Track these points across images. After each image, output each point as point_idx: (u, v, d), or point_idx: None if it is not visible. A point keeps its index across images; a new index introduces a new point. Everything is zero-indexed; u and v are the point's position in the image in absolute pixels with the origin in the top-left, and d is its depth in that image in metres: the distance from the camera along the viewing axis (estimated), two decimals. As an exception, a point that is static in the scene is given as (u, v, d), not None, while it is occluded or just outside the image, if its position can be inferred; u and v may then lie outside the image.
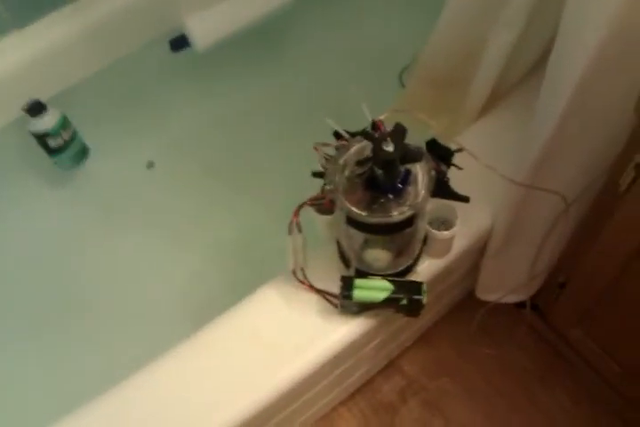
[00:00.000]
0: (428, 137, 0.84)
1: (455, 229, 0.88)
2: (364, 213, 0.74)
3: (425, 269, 0.93)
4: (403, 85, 1.19)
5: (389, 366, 1.31)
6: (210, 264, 1.27)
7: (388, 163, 0.69)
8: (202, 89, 1.39)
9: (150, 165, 1.37)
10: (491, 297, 1.10)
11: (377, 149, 0.68)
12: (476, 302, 1.14)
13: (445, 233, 0.87)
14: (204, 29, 1.17)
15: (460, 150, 0.80)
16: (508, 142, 0.86)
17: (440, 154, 0.83)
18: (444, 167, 0.83)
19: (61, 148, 1.23)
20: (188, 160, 1.37)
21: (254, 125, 1.40)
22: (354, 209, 0.74)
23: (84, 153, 1.31)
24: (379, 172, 0.71)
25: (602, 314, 0.99)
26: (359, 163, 0.70)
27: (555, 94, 0.69)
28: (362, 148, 0.76)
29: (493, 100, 0.97)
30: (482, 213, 0.94)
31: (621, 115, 0.64)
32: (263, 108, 1.41)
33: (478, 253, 1.02)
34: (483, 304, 1.11)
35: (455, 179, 0.85)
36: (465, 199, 0.85)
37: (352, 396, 1.29)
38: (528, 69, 0.91)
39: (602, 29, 0.60)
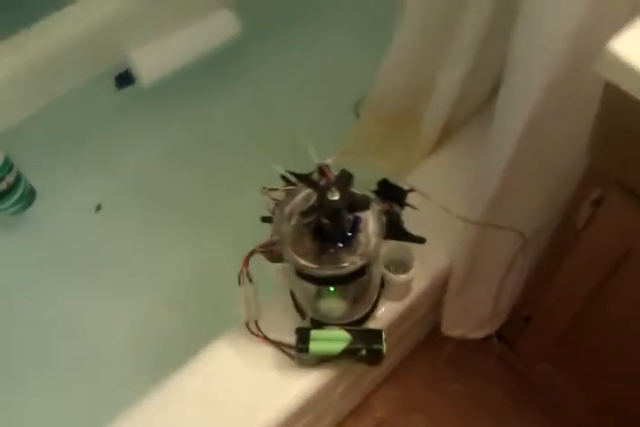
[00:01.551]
0: (381, 175, 0.81)
1: (413, 271, 0.84)
2: (313, 266, 0.70)
3: (384, 314, 0.90)
4: (357, 116, 1.16)
5: (360, 406, 1.27)
6: (166, 308, 1.21)
7: (334, 212, 0.65)
8: (149, 125, 1.34)
9: (99, 207, 1.31)
10: (456, 333, 1.07)
11: (321, 198, 0.64)
12: (444, 336, 1.11)
13: (403, 276, 0.83)
14: (148, 64, 1.12)
15: (411, 191, 0.77)
16: (461, 180, 0.84)
17: (393, 194, 0.79)
18: (397, 208, 0.80)
19: (5, 192, 1.15)
20: (137, 201, 1.31)
21: (205, 160, 1.35)
22: (302, 261, 0.70)
23: (30, 196, 1.22)
24: (325, 221, 0.67)
25: (568, 349, 0.96)
26: (304, 214, 0.66)
27: (504, 134, 0.67)
28: (308, 195, 0.71)
29: (446, 135, 0.95)
30: (439, 253, 0.91)
31: (574, 153, 0.61)
32: (213, 141, 1.37)
33: (440, 291, 0.99)
34: (450, 338, 1.08)
35: (410, 219, 0.82)
36: (421, 240, 0.81)
37: (321, 441, 1.23)
38: (479, 104, 0.89)
39: (549, 70, 0.57)
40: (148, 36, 1.12)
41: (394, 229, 0.79)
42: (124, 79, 1.17)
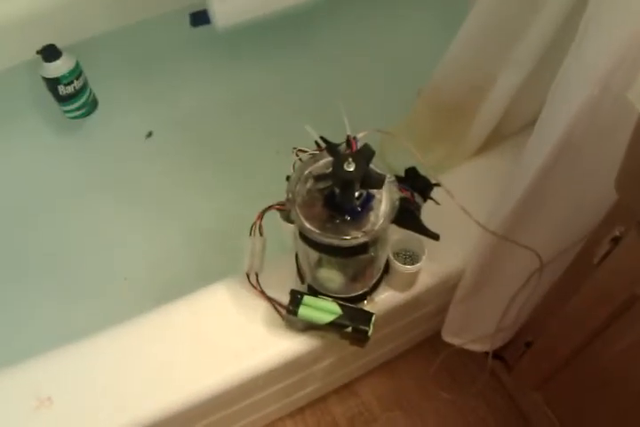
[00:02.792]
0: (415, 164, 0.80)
1: (419, 264, 0.83)
2: (316, 231, 0.71)
3: (383, 301, 0.90)
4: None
5: (346, 388, 1.28)
6: (184, 245, 1.25)
7: (346, 182, 0.65)
8: (215, 68, 1.37)
9: (149, 134, 1.36)
10: (455, 341, 1.05)
11: (336, 166, 0.64)
12: (445, 342, 1.09)
13: (408, 267, 0.83)
14: (226, 9, 1.14)
15: (437, 185, 0.76)
16: (493, 188, 0.81)
17: (418, 185, 0.78)
18: (419, 199, 0.79)
19: (72, 95, 1.22)
20: (185, 138, 1.35)
21: (260, 112, 1.38)
22: (306, 224, 0.71)
23: (92, 105, 1.29)
24: (337, 191, 0.68)
25: (560, 384, 0.93)
26: (317, 178, 0.67)
27: (537, 150, 0.65)
28: (330, 162, 0.72)
29: (495, 140, 0.92)
30: (453, 255, 0.90)
31: (605, 184, 0.59)
32: (273, 97, 1.39)
33: (447, 294, 0.97)
34: (450, 345, 1.07)
35: (430, 213, 0.81)
36: (435, 237, 0.80)
37: (302, 410, 1.26)
38: (535, 114, 0.86)
39: (594, 88, 0.55)
40: None
41: (410, 220, 0.78)
42: (200, 18, 1.19)
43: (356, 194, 0.68)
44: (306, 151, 0.76)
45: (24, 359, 0.85)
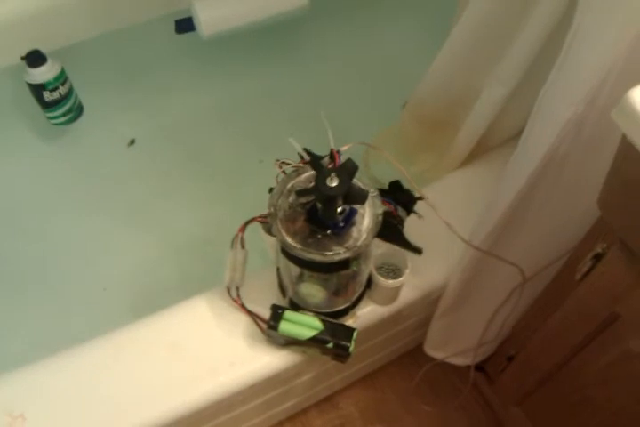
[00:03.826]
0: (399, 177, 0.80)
1: (402, 279, 0.83)
2: (297, 246, 0.70)
3: (365, 315, 0.89)
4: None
5: (327, 400, 1.27)
6: (168, 254, 1.24)
7: (328, 198, 0.64)
8: (199, 75, 1.37)
9: (132, 142, 1.35)
10: (437, 354, 1.05)
11: (319, 181, 0.63)
12: (427, 355, 1.09)
13: (390, 282, 0.82)
14: (212, 17, 1.14)
15: (420, 199, 0.75)
16: (477, 201, 0.81)
17: (401, 198, 0.78)
18: (402, 213, 0.78)
19: (57, 101, 1.20)
20: (168, 146, 1.34)
21: (244, 121, 1.37)
22: (288, 239, 0.70)
23: (78, 111, 1.27)
24: (319, 205, 0.67)
25: (541, 398, 0.93)
26: (299, 193, 0.66)
27: (521, 164, 0.65)
28: (313, 176, 0.71)
29: (479, 153, 0.92)
30: (436, 269, 0.89)
31: (589, 201, 0.59)
32: (258, 105, 1.39)
33: (430, 308, 0.97)
34: (433, 358, 1.07)
35: (413, 227, 0.80)
36: (417, 251, 0.80)
37: (281, 423, 1.25)
38: (520, 127, 0.86)
39: (578, 105, 0.55)
40: None
41: (393, 234, 0.78)
42: (184, 26, 1.19)
43: (339, 209, 0.67)
44: (289, 164, 0.75)
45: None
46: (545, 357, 0.86)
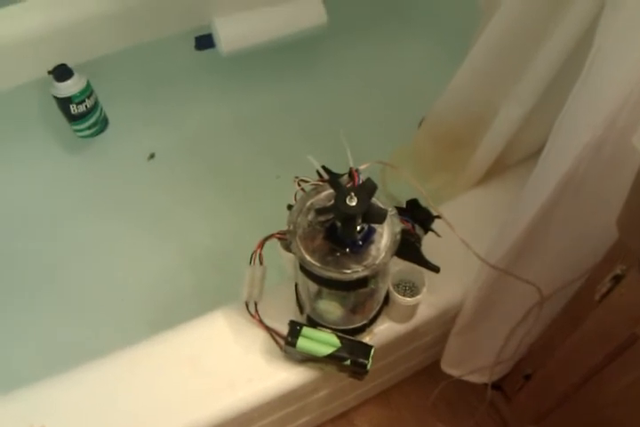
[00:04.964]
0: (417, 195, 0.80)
1: (419, 297, 0.83)
2: (316, 264, 0.70)
3: (383, 332, 0.89)
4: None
5: (342, 417, 1.26)
6: (185, 265, 1.25)
7: (347, 217, 0.65)
8: (219, 91, 1.39)
9: (152, 156, 1.37)
10: (454, 372, 1.04)
11: (339, 201, 0.64)
12: (443, 371, 1.08)
13: (408, 299, 0.82)
14: (231, 34, 1.16)
15: (438, 217, 0.76)
16: (495, 220, 0.81)
17: (419, 216, 0.78)
18: (420, 231, 0.79)
19: (84, 114, 1.23)
20: (187, 160, 1.37)
21: (262, 136, 1.39)
22: (307, 257, 0.70)
23: (103, 124, 1.30)
24: (338, 224, 0.67)
25: (559, 418, 0.92)
26: (319, 211, 0.66)
27: (540, 184, 0.65)
28: (332, 194, 0.72)
29: (497, 171, 0.92)
30: (453, 287, 0.89)
31: (608, 222, 0.59)
32: (276, 120, 1.41)
33: (447, 325, 0.97)
34: (449, 375, 1.06)
35: (431, 245, 0.81)
36: (435, 269, 0.80)
37: (296, 439, 1.24)
38: (539, 146, 0.86)
39: (598, 128, 0.55)
40: (237, 6, 1.16)
41: (411, 252, 0.78)
42: (204, 42, 1.21)
43: (358, 228, 0.68)
44: (307, 181, 0.76)
45: (16, 385, 0.84)
46: (563, 376, 0.85)
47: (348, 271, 0.70)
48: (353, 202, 0.64)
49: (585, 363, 0.77)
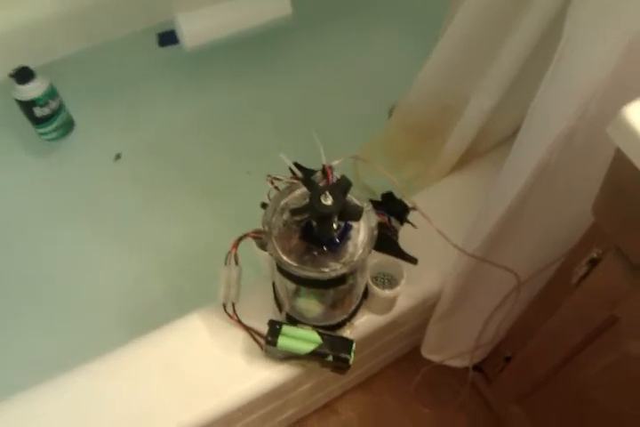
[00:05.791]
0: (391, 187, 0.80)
1: (398, 289, 0.83)
2: (294, 264, 0.69)
3: (363, 325, 0.89)
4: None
5: (326, 407, 1.27)
6: (157, 269, 1.23)
7: (323, 216, 0.64)
8: (183, 88, 1.36)
9: (118, 157, 1.33)
10: (434, 358, 1.05)
11: (314, 200, 0.63)
12: (424, 357, 1.09)
13: (387, 292, 0.82)
14: (194, 29, 1.13)
15: (413, 209, 0.75)
16: (469, 208, 0.81)
17: (394, 209, 0.78)
18: (396, 224, 0.78)
19: (48, 117, 1.20)
20: (153, 160, 1.33)
21: (230, 132, 1.36)
22: (283, 257, 0.69)
23: (69, 126, 1.27)
24: (314, 223, 0.66)
25: (541, 399, 0.93)
26: (294, 211, 0.65)
27: (514, 172, 0.65)
28: (306, 193, 0.70)
29: (468, 159, 0.92)
30: (431, 277, 0.90)
31: (583, 207, 0.59)
32: (243, 116, 1.38)
33: (426, 314, 0.97)
34: (430, 361, 1.07)
35: (407, 237, 0.81)
36: (413, 260, 0.80)
37: (281, 430, 1.24)
38: (509, 134, 0.86)
39: (571, 118, 0.55)
40: (199, 1, 1.13)
41: (388, 244, 0.78)
42: (167, 38, 1.18)
43: (334, 226, 0.67)
44: (280, 179, 0.74)
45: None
46: (542, 358, 0.87)
47: (327, 270, 0.69)
48: (328, 201, 0.63)
49: (563, 345, 0.78)
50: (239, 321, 0.86)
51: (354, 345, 0.81)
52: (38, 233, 1.26)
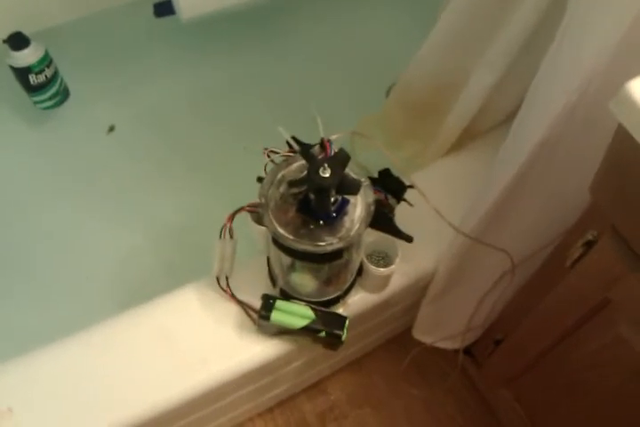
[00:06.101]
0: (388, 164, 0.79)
1: (393, 267, 0.83)
2: (290, 237, 0.69)
3: (356, 303, 0.89)
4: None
5: (316, 386, 1.27)
6: (151, 242, 1.22)
7: (320, 189, 0.64)
8: (179, 60, 1.35)
9: (111, 128, 1.32)
10: (426, 339, 1.05)
11: (312, 172, 0.63)
12: (415, 339, 1.09)
13: (382, 270, 0.82)
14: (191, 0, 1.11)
15: (411, 187, 0.75)
16: (467, 188, 0.81)
17: (391, 186, 0.77)
18: (392, 201, 0.78)
19: (43, 84, 1.17)
20: (147, 133, 1.32)
21: (226, 107, 1.35)
22: (280, 230, 0.69)
23: (64, 94, 1.25)
24: (312, 196, 0.66)
25: (531, 382, 0.94)
26: (291, 183, 0.65)
27: (513, 152, 0.65)
28: (304, 165, 0.70)
29: (467, 139, 0.92)
30: (425, 256, 0.90)
31: (581, 188, 0.59)
32: (239, 91, 1.37)
33: (419, 294, 0.97)
34: (421, 342, 1.07)
35: (404, 215, 0.80)
36: (408, 239, 0.80)
37: (271, 410, 1.25)
38: (509, 113, 0.86)
39: (573, 94, 0.55)
40: None
41: (384, 222, 0.78)
42: (164, 9, 1.16)
43: (332, 199, 0.67)
44: (277, 153, 0.74)
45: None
46: (534, 340, 0.87)
47: (322, 244, 0.69)
48: (326, 173, 0.62)
49: (556, 327, 0.79)
50: (232, 295, 0.86)
51: (347, 322, 0.81)
52: (29, 203, 1.25)
